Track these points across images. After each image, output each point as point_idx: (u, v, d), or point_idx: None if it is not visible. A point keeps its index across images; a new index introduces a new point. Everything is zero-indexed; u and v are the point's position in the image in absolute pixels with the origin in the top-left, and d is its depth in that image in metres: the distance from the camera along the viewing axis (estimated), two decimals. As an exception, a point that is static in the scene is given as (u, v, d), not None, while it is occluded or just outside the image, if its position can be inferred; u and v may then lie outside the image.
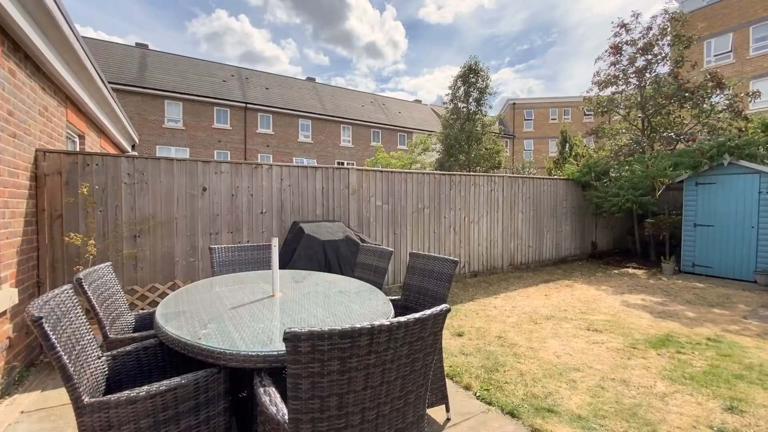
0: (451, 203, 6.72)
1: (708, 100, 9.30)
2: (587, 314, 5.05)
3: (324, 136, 23.73)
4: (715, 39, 19.89)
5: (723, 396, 2.96)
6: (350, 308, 2.29)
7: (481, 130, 13.71)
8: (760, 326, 4.59)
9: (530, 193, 8.15)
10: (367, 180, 5.62)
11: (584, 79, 24.73)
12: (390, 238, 5.90)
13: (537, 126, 33.96)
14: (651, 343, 4.02)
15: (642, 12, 40.79)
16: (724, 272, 7.31)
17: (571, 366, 3.50)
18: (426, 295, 2.93)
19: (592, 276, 7.62)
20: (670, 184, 8.31)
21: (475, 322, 4.74)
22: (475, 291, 6.26)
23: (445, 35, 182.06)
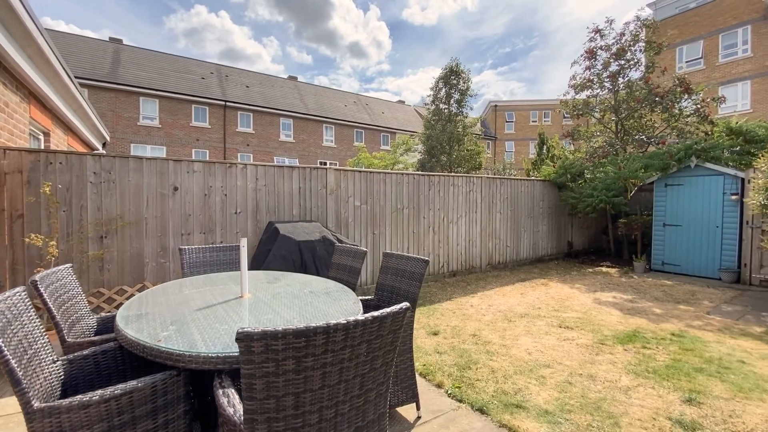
0: (430, 203, 6.77)
1: (677, 105, 9.66)
2: (560, 312, 5.17)
3: (306, 135, 23.52)
4: (686, 46, 20.67)
5: (683, 389, 3.08)
6: (319, 309, 2.29)
7: (462, 131, 13.88)
8: (722, 321, 4.79)
9: (508, 193, 8.29)
10: (345, 180, 5.61)
11: (563, 83, 25.57)
12: (369, 239, 5.90)
13: (518, 128, 34.58)
14: (619, 339, 4.15)
15: (616, 18, 41.90)
16: (691, 270, 7.60)
17: (541, 362, 3.58)
18: (398, 295, 2.95)
19: (567, 275, 7.80)
20: (641, 185, 8.60)
21: (452, 320, 4.79)
22: (453, 290, 6.33)
23: (429, 36, 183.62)
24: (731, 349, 3.87)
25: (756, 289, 6.46)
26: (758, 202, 5.24)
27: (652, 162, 8.10)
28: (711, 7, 20.26)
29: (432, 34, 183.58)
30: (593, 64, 10.48)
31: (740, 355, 3.74)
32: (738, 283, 6.90)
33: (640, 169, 8.17)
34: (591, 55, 10.42)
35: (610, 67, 10.24)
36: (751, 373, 3.36)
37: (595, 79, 10.50)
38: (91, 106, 6.04)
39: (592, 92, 10.72)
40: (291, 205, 5.03)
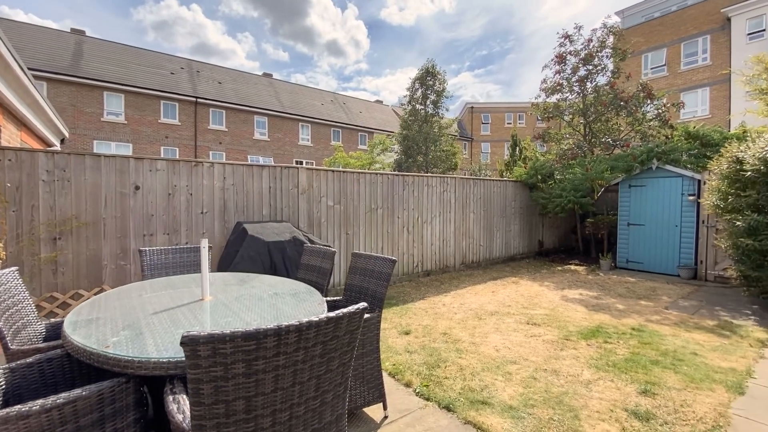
0: (405, 203, 6.80)
1: (640, 110, 10.10)
2: (529, 309, 5.30)
3: (281, 134, 23.12)
4: (651, 53, 21.66)
5: (639, 380, 3.22)
6: (282, 311, 2.25)
7: (438, 131, 14.03)
8: (678, 316, 5.03)
9: (481, 194, 8.44)
10: (318, 180, 5.56)
11: (537, 86, 26.46)
12: (342, 239, 5.87)
13: (494, 129, 35.27)
14: (583, 335, 4.29)
15: (588, 25, 43.23)
16: (653, 267, 7.96)
17: (508, 359, 3.65)
18: (366, 295, 2.93)
19: (538, 273, 8.01)
20: (607, 186, 8.94)
21: (424, 319, 4.82)
22: (427, 289, 6.37)
23: (408, 37, 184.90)
24: (685, 342, 4.07)
25: (711, 285, 6.83)
26: (712, 202, 5.54)
27: (617, 164, 8.43)
28: (674, 17, 21.31)
29: (410, 34, 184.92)
30: (563, 68, 10.81)
31: (693, 347, 3.94)
32: (695, 279, 7.27)
33: (606, 170, 8.49)
34: (561, 59, 10.74)
35: (579, 71, 10.59)
36: (702, 364, 3.54)
37: (564, 83, 10.83)
38: (47, 100, 5.72)
39: (562, 96, 11.05)
40: (261, 205, 4.93)
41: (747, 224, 4.86)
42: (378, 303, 2.78)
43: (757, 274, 4.99)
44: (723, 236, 5.56)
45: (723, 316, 4.99)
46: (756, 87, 6.27)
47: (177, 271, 3.42)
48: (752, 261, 4.97)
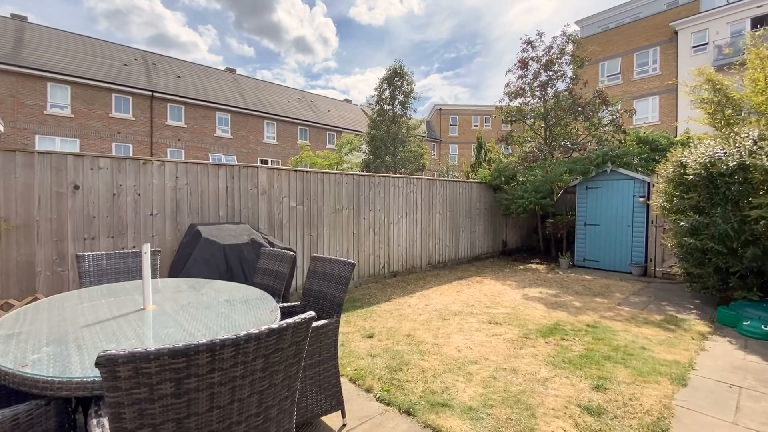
0: (371, 204, 6.74)
1: (596, 115, 10.60)
2: (491, 308, 5.39)
3: (245, 131, 22.36)
4: (607, 62, 22.88)
5: (593, 376, 3.33)
6: (231, 320, 2.12)
7: (406, 132, 14.10)
8: (630, 312, 5.29)
9: (447, 195, 8.53)
10: (279, 180, 5.38)
11: (502, 90, 27.11)
12: (305, 241, 5.72)
13: (461, 131, 36.00)
14: (541, 333, 4.40)
15: (548, 32, 44.87)
16: (608, 265, 8.36)
17: (470, 359, 3.68)
18: (325, 300, 2.84)
19: (501, 272, 8.20)
20: (566, 187, 9.30)
21: (388, 322, 4.78)
22: (393, 291, 6.35)
23: (377, 36, 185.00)
24: (635, 337, 4.28)
25: (659, 281, 7.26)
26: (659, 203, 5.87)
27: (575, 167, 8.80)
28: (627, 29, 22.61)
29: (380, 34, 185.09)
30: (525, 73, 11.15)
31: (642, 342, 4.14)
32: (645, 276, 7.71)
33: (565, 172, 8.84)
34: (523, 64, 11.08)
35: (540, 77, 10.96)
36: (650, 358, 3.72)
37: (527, 88, 11.18)
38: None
39: (524, 100, 11.40)
40: (217, 206, 4.70)
41: (690, 224, 5.18)
42: (336, 308, 2.70)
43: (698, 271, 5.33)
44: (669, 236, 5.91)
45: (669, 311, 5.30)
46: (698, 97, 6.72)
47: (120, 278, 3.18)
48: (694, 259, 5.31)
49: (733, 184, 4.67)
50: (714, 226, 4.85)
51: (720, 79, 6.42)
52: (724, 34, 18.52)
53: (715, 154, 4.89)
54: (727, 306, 4.87)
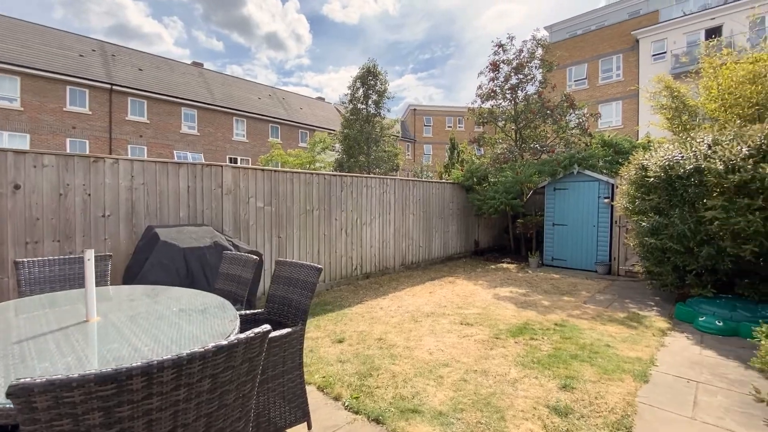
0: (343, 205, 6.62)
1: (564, 118, 10.93)
2: (463, 309, 5.41)
3: (213, 128, 21.53)
4: (575, 67, 23.72)
5: (560, 376, 3.36)
6: (185, 332, 1.96)
7: (380, 132, 14.03)
8: (595, 310, 5.44)
9: (420, 195, 8.53)
10: (245, 179, 5.17)
11: (474, 92, 27.27)
12: (274, 243, 5.53)
13: (435, 132, 36.36)
14: (511, 333, 4.44)
15: (518, 37, 46.12)
16: (575, 264, 8.62)
17: (441, 362, 3.64)
18: (290, 306, 2.72)
19: (473, 272, 8.28)
20: (535, 188, 9.52)
21: (360, 325, 4.68)
22: (365, 293, 6.26)
23: (351, 35, 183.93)
24: (600, 335, 4.39)
25: (622, 279, 7.54)
26: (622, 205, 6.09)
27: (544, 168, 9.01)
28: (593, 36, 23.53)
29: (354, 32, 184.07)
30: (497, 76, 11.34)
31: (607, 339, 4.25)
32: (609, 274, 7.99)
33: (534, 174, 9.04)
34: (495, 67, 11.26)
35: (511, 80, 11.18)
36: (614, 355, 3.82)
37: (498, 90, 11.37)
38: None
39: (496, 102, 11.59)
40: (177, 207, 4.45)
41: (650, 225, 5.39)
42: (302, 315, 2.58)
43: (658, 269, 5.55)
44: (632, 235, 6.13)
45: (632, 308, 5.49)
46: (658, 103, 7.03)
47: (66, 286, 2.92)
48: (654, 258, 5.53)
49: (689, 187, 4.88)
50: (672, 226, 5.05)
51: (677, 87, 6.73)
52: (681, 44, 19.60)
53: (673, 158, 5.10)
54: (685, 303, 5.09)
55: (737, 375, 3.41)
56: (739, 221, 4.40)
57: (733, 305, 4.61)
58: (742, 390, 3.11)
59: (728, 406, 2.91)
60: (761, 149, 4.45)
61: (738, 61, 5.82)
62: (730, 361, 3.71)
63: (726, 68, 5.75)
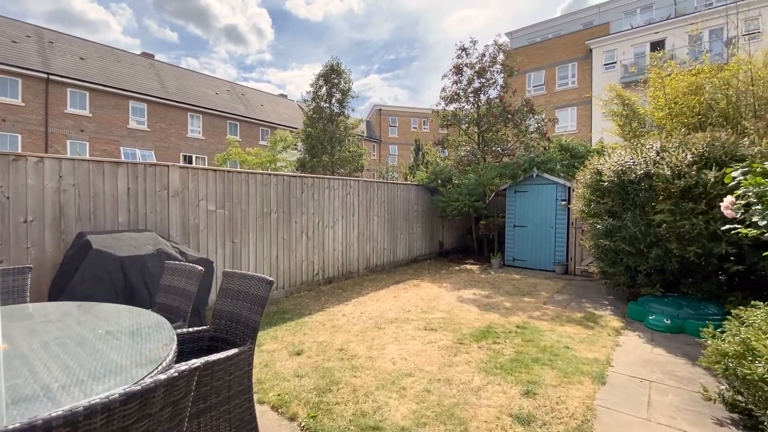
0: (304, 207, 6.35)
1: (524, 123, 11.23)
2: (427, 313, 5.33)
3: (165, 124, 20.18)
4: (533, 73, 24.64)
5: (523, 381, 3.35)
6: (107, 360, 1.69)
7: (344, 132, 13.78)
8: (554, 310, 5.56)
9: (385, 197, 8.41)
10: (195, 180, 4.79)
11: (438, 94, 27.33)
12: (227, 248, 5.18)
13: (401, 132, 36.54)
14: (475, 337, 4.41)
15: (480, 41, 47.66)
16: (535, 264, 8.85)
17: (404, 371, 3.52)
18: (238, 323, 2.48)
19: (437, 274, 8.28)
20: (497, 191, 9.70)
21: (320, 335, 4.47)
22: (328, 299, 6.04)
23: (316, 32, 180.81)
24: (560, 336, 4.46)
25: (578, 279, 7.82)
26: (578, 208, 6.28)
27: (505, 171, 9.19)
28: (551, 43, 24.57)
29: (318, 30, 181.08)
30: (460, 79, 11.45)
31: (566, 341, 4.32)
32: (566, 274, 8.27)
33: (496, 176, 9.20)
34: (458, 70, 11.37)
35: (474, 83, 11.34)
36: (573, 357, 3.87)
37: (461, 93, 11.49)
38: None
39: (459, 105, 11.71)
40: (115, 211, 4.02)
41: (605, 227, 5.59)
42: (251, 333, 2.35)
43: (612, 269, 5.77)
44: (587, 237, 6.35)
45: (588, 308, 5.67)
46: (610, 110, 7.34)
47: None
48: (608, 259, 5.75)
49: (640, 191, 5.10)
50: (625, 228, 5.26)
51: (628, 95, 7.07)
52: (629, 55, 20.90)
53: (625, 163, 5.31)
54: (636, 302, 5.32)
55: (685, 372, 3.56)
56: (684, 224, 4.63)
57: (679, 303, 4.86)
58: (691, 388, 3.24)
59: (679, 405, 3.00)
60: (704, 156, 4.71)
61: (681, 73, 6.19)
62: (678, 359, 3.88)
63: (671, 79, 6.09)
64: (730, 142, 4.72)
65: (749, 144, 4.69)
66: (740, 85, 5.45)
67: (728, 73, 5.56)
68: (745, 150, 4.57)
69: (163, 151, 19.90)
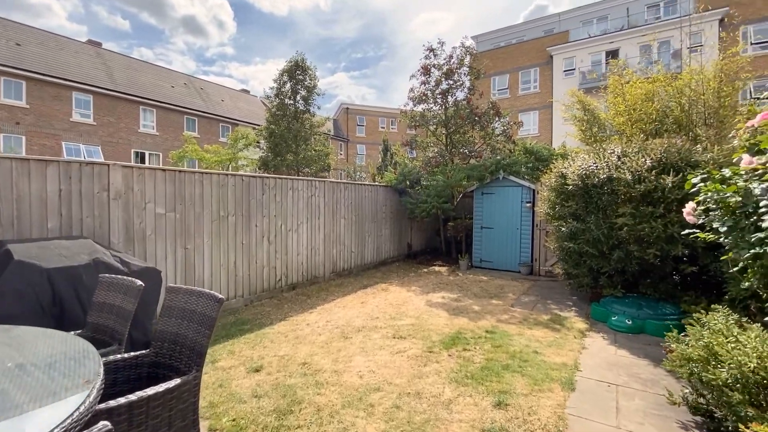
0: (265, 209, 5.99)
1: (490, 125, 11.37)
2: (396, 320, 5.17)
3: (114, 118, 18.65)
4: (498, 77, 25.23)
5: (494, 391, 3.25)
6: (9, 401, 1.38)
7: (310, 130, 13.34)
8: (522, 313, 5.57)
9: (352, 198, 8.18)
10: (141, 181, 4.33)
11: (407, 94, 27.38)
12: (179, 255, 4.74)
13: (369, 132, 36.31)
14: (445, 344, 4.29)
15: (447, 42, 48.29)
16: (501, 265, 8.94)
17: (372, 386, 3.32)
18: (183, 346, 2.17)
19: (406, 276, 8.16)
20: (465, 192, 9.74)
21: (282, 347, 4.18)
22: (291, 307, 5.73)
23: (280, 27, 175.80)
24: (528, 341, 4.43)
25: (543, 279, 7.97)
26: (544, 210, 6.36)
27: (473, 173, 9.23)
28: (514, 49, 25.27)
29: (283, 24, 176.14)
30: (428, 79, 11.41)
31: (535, 345, 4.29)
32: (532, 274, 8.41)
33: (464, 178, 9.22)
34: (426, 71, 11.32)
35: (441, 85, 11.33)
36: (542, 362, 3.84)
37: (429, 94, 11.45)
38: None
39: (427, 106, 11.67)
40: (44, 216, 3.52)
41: (569, 230, 5.67)
42: (197, 358, 2.07)
43: (576, 271, 5.88)
44: (552, 239, 6.44)
45: (554, 309, 5.74)
46: (572, 115, 7.52)
47: None
48: (572, 260, 5.85)
49: (603, 195, 5.20)
50: (589, 231, 5.35)
51: (589, 100, 7.26)
52: (587, 63, 21.88)
53: (589, 168, 5.40)
54: (599, 302, 5.43)
55: (649, 374, 3.61)
56: (644, 227, 4.76)
57: (639, 304, 4.99)
58: (656, 390, 3.27)
59: (646, 410, 3.01)
60: (661, 162, 4.87)
61: (639, 80, 6.42)
62: (641, 360, 3.95)
63: (630, 86, 6.31)
64: (685, 148, 4.91)
65: (702, 150, 4.90)
66: (692, 94, 5.72)
67: (682, 82, 5.82)
68: (699, 156, 4.76)
69: (111, 146, 18.42)
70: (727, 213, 2.92)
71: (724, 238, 2.89)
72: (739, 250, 2.77)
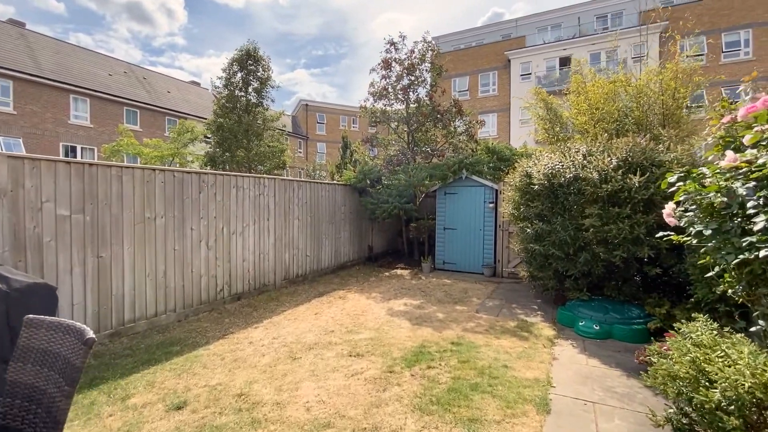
0: (202, 210, 5.22)
1: (453, 124, 11.15)
2: (353, 333, 4.65)
3: (39, 107, 16.46)
4: (458, 78, 25.42)
5: (463, 419, 2.83)
6: None
7: (263, 124, 12.43)
8: (488, 319, 5.25)
9: (307, 198, 7.55)
10: (36, 175, 3.48)
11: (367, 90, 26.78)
12: (90, 265, 3.90)
13: (329, 130, 35.41)
14: (407, 361, 3.83)
15: (408, 36, 48.44)
16: (464, 267, 8.68)
17: (321, 421, 2.78)
18: (40, 406, 1.52)
19: (366, 281, 7.65)
20: (428, 192, 9.40)
21: (215, 375, 3.51)
22: (233, 321, 5.02)
23: (237, 19, 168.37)
24: (497, 353, 4.08)
25: (506, 281, 7.78)
26: (508, 211, 6.12)
27: (435, 172, 8.91)
28: (474, 52, 25.59)
29: (240, 17, 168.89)
30: (389, 74, 10.99)
31: (504, 358, 3.94)
32: (495, 276, 8.22)
33: (426, 177, 8.88)
34: (387, 65, 10.89)
35: (403, 80, 10.95)
36: (513, 379, 3.48)
37: (390, 90, 11.04)
38: None
39: (388, 102, 11.25)
40: None
41: (535, 231, 5.44)
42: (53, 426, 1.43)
43: (541, 273, 5.68)
44: (516, 240, 6.22)
45: (519, 315, 5.47)
46: (535, 113, 7.39)
47: None
48: (538, 263, 5.63)
49: (570, 195, 5.00)
50: (555, 233, 5.13)
51: (551, 99, 7.16)
52: (542, 68, 22.55)
53: (555, 167, 5.19)
54: (565, 306, 5.23)
55: (624, 387, 3.36)
56: (611, 228, 4.59)
57: (605, 308, 4.83)
58: (634, 407, 3.01)
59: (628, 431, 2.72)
60: (627, 161, 4.73)
61: (601, 80, 6.37)
62: (614, 370, 3.71)
63: (593, 85, 6.23)
64: (649, 148, 4.81)
65: (666, 150, 4.82)
66: (651, 94, 5.70)
67: (642, 82, 5.79)
68: (662, 156, 4.67)
69: (35, 139, 16.23)
70: (708, 214, 2.69)
71: (707, 241, 2.65)
72: (725, 254, 2.52)
